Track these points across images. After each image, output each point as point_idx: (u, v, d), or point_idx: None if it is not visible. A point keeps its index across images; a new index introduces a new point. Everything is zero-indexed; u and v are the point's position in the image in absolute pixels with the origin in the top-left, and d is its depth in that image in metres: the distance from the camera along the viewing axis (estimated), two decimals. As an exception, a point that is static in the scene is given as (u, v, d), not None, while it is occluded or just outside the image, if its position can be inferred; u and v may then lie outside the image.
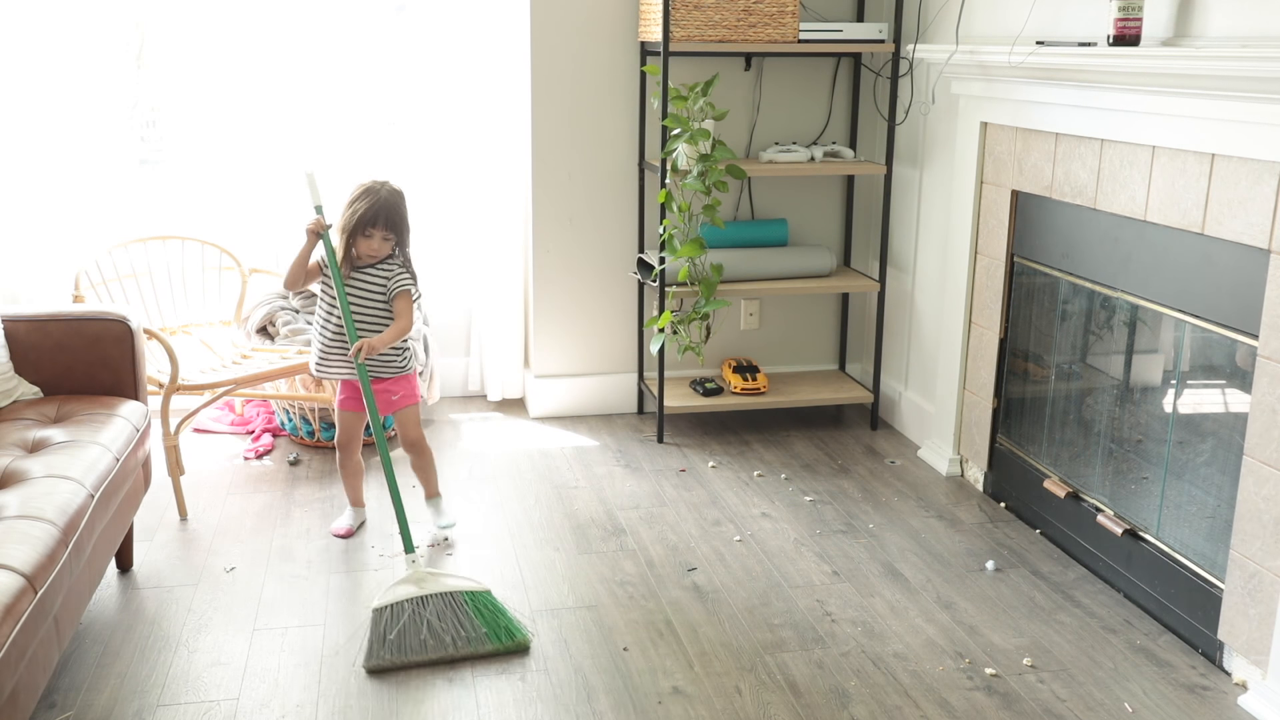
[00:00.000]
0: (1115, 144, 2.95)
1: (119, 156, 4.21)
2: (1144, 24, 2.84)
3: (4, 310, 3.09)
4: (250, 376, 3.66)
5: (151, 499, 3.50)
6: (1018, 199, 3.46)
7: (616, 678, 2.68)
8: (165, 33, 4.18)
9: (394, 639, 2.72)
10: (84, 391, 3.09)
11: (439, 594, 2.81)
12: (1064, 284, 3.33)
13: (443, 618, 2.76)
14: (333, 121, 4.35)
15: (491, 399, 4.62)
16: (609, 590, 3.10)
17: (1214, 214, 2.63)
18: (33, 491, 2.45)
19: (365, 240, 3.16)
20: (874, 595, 3.08)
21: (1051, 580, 3.17)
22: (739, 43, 3.94)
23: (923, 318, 4.15)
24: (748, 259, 4.17)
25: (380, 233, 3.17)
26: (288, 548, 3.32)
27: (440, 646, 2.73)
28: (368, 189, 3.18)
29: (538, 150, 4.24)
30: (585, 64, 4.19)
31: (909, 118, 4.12)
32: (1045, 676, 2.70)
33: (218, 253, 4.20)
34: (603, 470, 3.93)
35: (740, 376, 4.30)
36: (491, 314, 4.51)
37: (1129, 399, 3.18)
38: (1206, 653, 2.78)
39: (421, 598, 2.79)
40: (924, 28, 3.96)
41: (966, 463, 3.86)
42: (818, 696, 2.61)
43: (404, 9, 4.34)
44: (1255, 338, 2.55)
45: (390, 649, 2.71)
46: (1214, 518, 2.79)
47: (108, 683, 2.63)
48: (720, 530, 3.47)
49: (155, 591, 3.06)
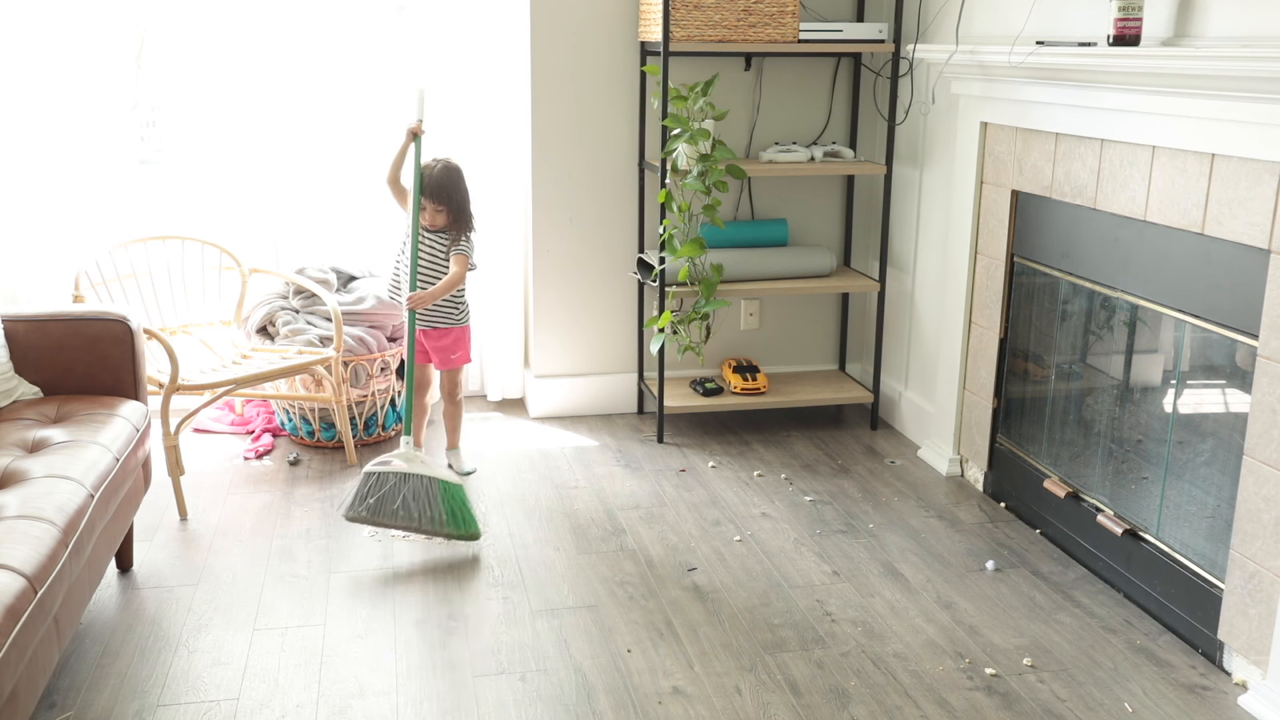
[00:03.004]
0: (1115, 144, 2.95)
1: (119, 156, 4.21)
2: (1144, 24, 2.84)
3: (4, 310, 3.09)
4: (250, 376, 3.66)
5: (151, 499, 3.50)
6: (1018, 199, 3.46)
7: (616, 678, 2.68)
8: (165, 33, 4.18)
9: (372, 502, 3.24)
10: (84, 391, 3.09)
11: (420, 475, 3.27)
12: (1064, 284, 3.33)
13: (416, 496, 3.25)
14: (333, 121, 4.35)
15: (491, 399, 4.62)
16: (609, 590, 3.10)
17: (1214, 214, 2.63)
18: (33, 491, 2.45)
19: (422, 212, 3.57)
20: (874, 595, 3.08)
21: (1051, 580, 3.17)
22: (739, 43, 3.94)
23: (923, 318, 4.15)
24: (748, 259, 4.17)
25: (432, 205, 3.58)
26: (288, 548, 3.32)
27: (408, 518, 3.24)
28: (425, 166, 3.57)
29: (538, 150, 4.24)
30: (585, 64, 4.19)
31: (909, 118, 4.12)
32: (1045, 676, 2.70)
33: (218, 253, 4.19)
34: (603, 470, 3.93)
35: (740, 376, 4.30)
36: (491, 314, 4.51)
37: (1129, 399, 3.18)
38: (1206, 653, 2.78)
39: (405, 474, 3.27)
40: (924, 28, 3.96)
41: (966, 463, 3.86)
42: (818, 696, 2.61)
43: (404, 9, 4.33)
44: (1255, 338, 2.55)
45: (368, 509, 3.24)
46: (1214, 518, 2.79)
47: (108, 683, 2.63)
48: (720, 530, 3.47)
49: (155, 591, 3.06)
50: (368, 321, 4.06)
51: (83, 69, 4.05)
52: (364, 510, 3.25)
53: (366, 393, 4.01)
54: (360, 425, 4.08)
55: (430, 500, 3.26)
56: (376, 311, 4.06)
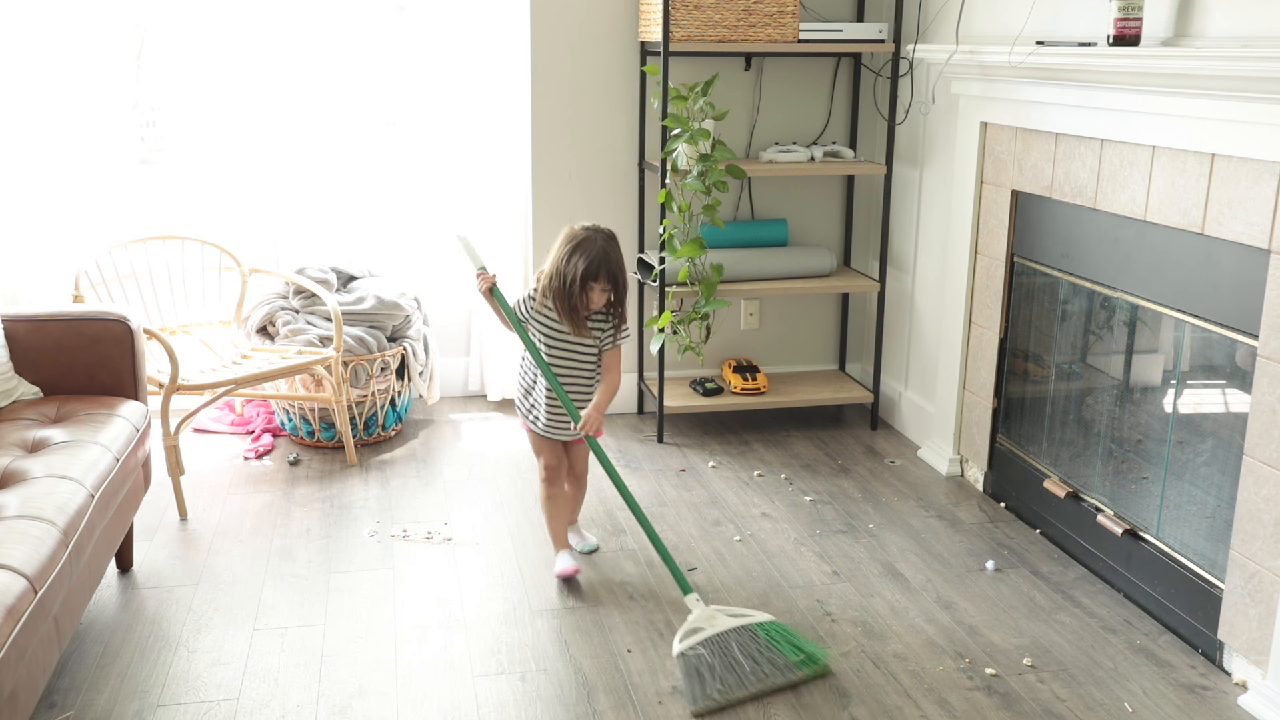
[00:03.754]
0: (1115, 144, 2.95)
1: (119, 156, 4.21)
2: (1144, 24, 2.84)
3: (4, 310, 3.09)
4: (250, 376, 3.66)
5: (151, 499, 3.50)
6: (1018, 199, 3.46)
7: (616, 678, 2.68)
8: (165, 33, 4.18)
9: (717, 684, 2.58)
10: (84, 391, 3.09)
11: (733, 629, 2.69)
12: (1064, 284, 3.33)
13: (748, 653, 2.65)
14: (333, 122, 4.35)
15: (491, 399, 4.61)
16: (609, 590, 3.10)
17: (1214, 214, 2.63)
18: (33, 491, 2.45)
19: (587, 294, 2.93)
20: (874, 595, 3.07)
21: (1051, 580, 3.17)
22: (739, 43, 3.94)
23: (923, 318, 4.15)
24: (748, 259, 4.17)
25: (599, 287, 2.93)
26: (288, 548, 3.32)
27: (759, 678, 2.61)
28: (581, 241, 2.91)
29: (538, 150, 4.24)
30: (585, 64, 4.19)
31: (909, 118, 4.12)
32: (1045, 676, 2.70)
33: (218, 253, 4.19)
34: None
35: (740, 376, 4.30)
36: (492, 314, 4.51)
37: (1129, 399, 3.18)
38: (1206, 653, 2.78)
39: (716, 636, 2.67)
40: (924, 28, 3.96)
41: (966, 463, 3.86)
42: (818, 696, 2.61)
43: (404, 9, 4.34)
44: (1255, 338, 2.55)
45: (719, 691, 2.57)
46: (1214, 518, 2.79)
47: (108, 683, 2.63)
48: (720, 530, 3.46)
49: (155, 591, 3.06)
50: (368, 321, 4.06)
51: (83, 69, 4.05)
52: (716, 694, 2.57)
53: (366, 393, 4.01)
54: (360, 425, 4.08)
55: (763, 648, 2.68)
56: (376, 312, 4.06)
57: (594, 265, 2.88)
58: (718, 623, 2.71)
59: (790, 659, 2.66)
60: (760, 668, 2.63)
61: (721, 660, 2.62)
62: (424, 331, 4.24)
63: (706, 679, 2.59)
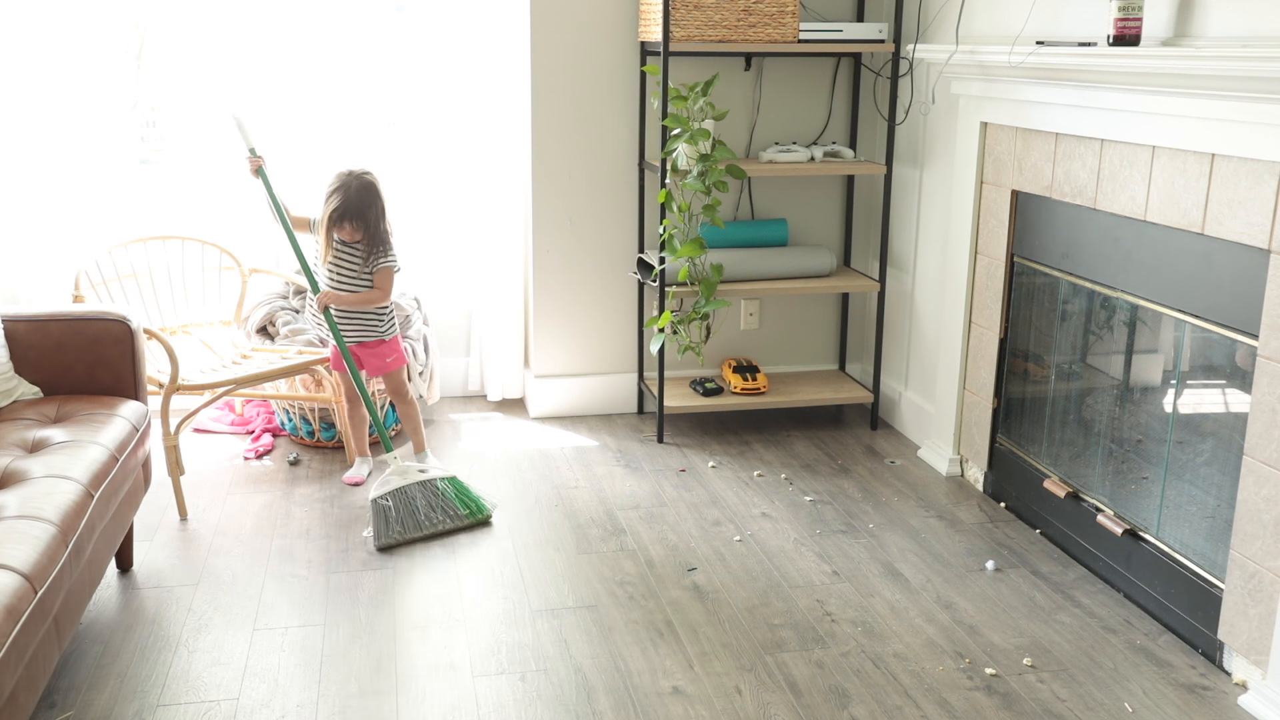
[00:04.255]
0: (1115, 144, 2.95)
1: (119, 156, 4.21)
2: (1144, 24, 2.84)
3: (4, 310, 3.09)
4: (250, 376, 3.66)
5: (151, 499, 3.50)
6: (1018, 199, 3.46)
7: (616, 678, 2.68)
8: (165, 33, 4.18)
9: (397, 524, 3.30)
10: (84, 391, 3.09)
11: (420, 481, 3.41)
12: (1064, 284, 3.33)
13: (429, 502, 3.38)
14: (333, 121, 4.35)
15: (491, 399, 4.62)
16: (609, 590, 3.10)
17: (1214, 214, 2.63)
18: (33, 491, 2.45)
19: (339, 230, 3.51)
20: (874, 595, 3.08)
21: (1051, 580, 3.17)
22: (739, 43, 3.94)
23: (923, 318, 4.15)
24: (748, 259, 4.17)
25: (350, 225, 3.50)
26: (288, 548, 3.32)
27: (433, 524, 3.35)
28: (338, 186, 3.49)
29: (538, 150, 4.24)
30: (585, 64, 4.19)
31: (909, 118, 4.12)
32: (1045, 676, 2.70)
33: (218, 253, 4.19)
34: (602, 470, 3.93)
35: (740, 376, 4.30)
36: (491, 314, 4.51)
37: (1129, 399, 3.18)
38: (1206, 653, 2.78)
39: (406, 487, 3.38)
40: (924, 28, 3.96)
41: (966, 463, 3.86)
42: (818, 696, 2.61)
43: (404, 9, 4.33)
44: (1255, 338, 2.55)
45: (397, 532, 3.29)
46: (1214, 518, 2.79)
47: (108, 683, 2.63)
48: (720, 530, 3.47)
49: (155, 591, 3.06)
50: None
51: (83, 69, 4.04)
52: (395, 534, 3.31)
53: (366, 393, 4.01)
54: (360, 425, 4.08)
55: (444, 500, 3.41)
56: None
57: (339, 210, 3.47)
58: (408, 476, 3.40)
59: (460, 510, 3.41)
60: (435, 514, 3.37)
61: (405, 508, 3.34)
62: (424, 331, 4.24)
63: (391, 522, 3.30)
